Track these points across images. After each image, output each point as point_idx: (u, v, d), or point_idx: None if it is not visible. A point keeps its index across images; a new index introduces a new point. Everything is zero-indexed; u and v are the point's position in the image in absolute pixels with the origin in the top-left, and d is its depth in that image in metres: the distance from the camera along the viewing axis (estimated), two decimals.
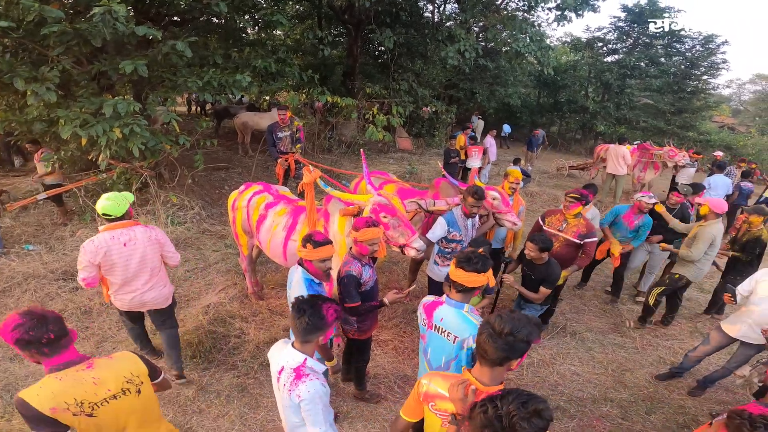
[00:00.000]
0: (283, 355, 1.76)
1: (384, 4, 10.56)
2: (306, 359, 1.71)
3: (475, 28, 13.53)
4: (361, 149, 3.73)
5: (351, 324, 2.66)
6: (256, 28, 7.53)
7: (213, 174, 7.84)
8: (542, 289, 3.22)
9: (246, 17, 6.84)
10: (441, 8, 14.06)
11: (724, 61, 16.99)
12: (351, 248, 2.51)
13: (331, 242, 2.30)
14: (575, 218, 3.58)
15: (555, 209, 3.86)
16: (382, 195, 2.85)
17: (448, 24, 12.84)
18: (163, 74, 5.18)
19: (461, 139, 8.36)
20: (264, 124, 8.74)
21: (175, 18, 6.42)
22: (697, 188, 5.17)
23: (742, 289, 3.23)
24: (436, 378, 1.58)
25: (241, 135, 9.61)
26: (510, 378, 3.45)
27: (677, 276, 4.07)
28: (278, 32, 9.71)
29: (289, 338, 1.90)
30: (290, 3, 11.49)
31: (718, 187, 6.86)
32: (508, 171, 4.22)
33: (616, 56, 18.04)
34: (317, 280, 2.35)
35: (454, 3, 13.84)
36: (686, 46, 17.37)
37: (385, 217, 2.76)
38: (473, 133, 9.16)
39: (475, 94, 15.34)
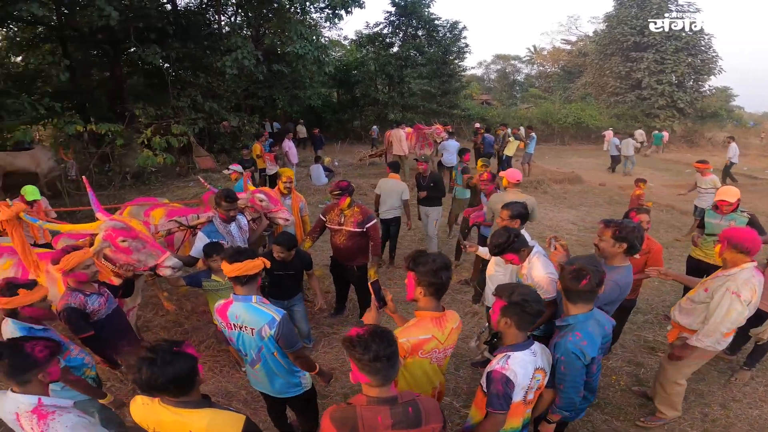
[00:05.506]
0: (8, 403, 1.60)
1: (147, 19, 9.50)
2: (40, 399, 1.60)
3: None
4: (84, 177, 3.35)
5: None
6: None
7: None
8: (311, 272, 3.46)
9: None
10: (233, 18, 13.57)
11: (467, 45, 21.25)
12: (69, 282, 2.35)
13: (36, 282, 2.10)
14: (350, 209, 3.65)
15: (332, 204, 3.78)
16: (116, 219, 2.69)
17: (242, 33, 12.52)
18: None
19: (257, 147, 8.37)
20: (21, 164, 7.45)
21: None
22: (461, 151, 6.71)
23: None
24: (405, 331, 1.80)
25: None
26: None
27: None
28: None
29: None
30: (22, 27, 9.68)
31: (449, 147, 8.93)
32: (279, 171, 4.49)
33: (394, 49, 19.70)
34: (40, 326, 2.12)
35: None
36: (440, 35, 20.45)
37: (123, 241, 2.61)
38: (272, 140, 9.25)
39: (275, 101, 15.39)
